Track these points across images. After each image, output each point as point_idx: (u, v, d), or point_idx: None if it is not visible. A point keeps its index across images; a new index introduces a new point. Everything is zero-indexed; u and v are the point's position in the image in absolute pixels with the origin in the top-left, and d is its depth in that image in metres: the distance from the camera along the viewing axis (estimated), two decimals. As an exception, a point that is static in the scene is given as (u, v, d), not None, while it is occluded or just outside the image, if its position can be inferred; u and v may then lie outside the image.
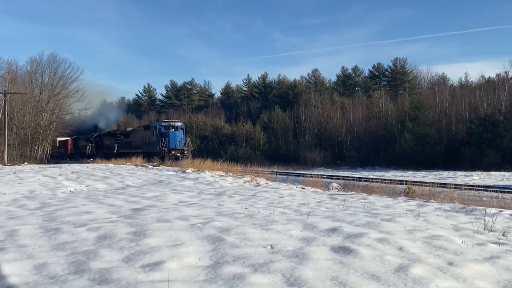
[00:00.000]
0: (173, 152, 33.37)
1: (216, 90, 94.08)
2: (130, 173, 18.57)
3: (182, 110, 78.75)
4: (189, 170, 19.24)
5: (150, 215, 6.88)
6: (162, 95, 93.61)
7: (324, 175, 21.34)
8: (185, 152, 34.02)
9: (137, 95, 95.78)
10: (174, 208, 7.99)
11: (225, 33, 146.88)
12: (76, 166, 23.69)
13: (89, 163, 31.45)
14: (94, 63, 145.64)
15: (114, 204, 8.84)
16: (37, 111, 46.43)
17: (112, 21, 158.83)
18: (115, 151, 42.49)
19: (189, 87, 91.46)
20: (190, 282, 3.66)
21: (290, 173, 26.30)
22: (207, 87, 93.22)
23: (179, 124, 36.99)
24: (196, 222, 6.13)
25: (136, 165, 24.60)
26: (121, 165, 25.08)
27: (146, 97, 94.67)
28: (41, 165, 27.15)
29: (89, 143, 50.85)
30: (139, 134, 39.92)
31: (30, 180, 15.24)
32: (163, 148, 33.23)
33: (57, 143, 59.10)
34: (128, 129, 45.58)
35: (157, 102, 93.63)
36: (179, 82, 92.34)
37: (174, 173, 18.81)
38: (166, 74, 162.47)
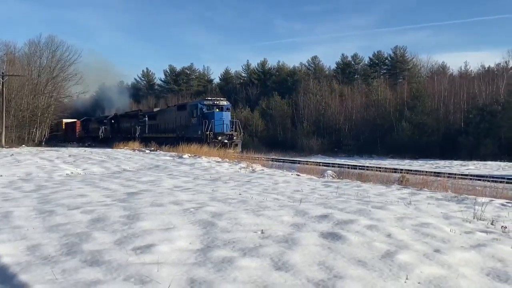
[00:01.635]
0: (219, 137, 27.46)
1: (215, 76, 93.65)
2: (127, 158, 18.63)
3: (180, 95, 78.54)
4: (186, 156, 19.31)
5: (144, 199, 6.95)
6: (161, 80, 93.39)
7: (320, 162, 21.43)
8: (234, 137, 28.27)
9: (135, 79, 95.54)
10: (169, 192, 8.06)
11: (226, 19, 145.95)
12: (73, 150, 23.74)
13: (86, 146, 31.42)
14: (92, 46, 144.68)
15: (109, 188, 8.91)
16: (35, 94, 46.23)
17: (112, 4, 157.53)
18: (136, 135, 36.95)
19: (188, 72, 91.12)
20: (180, 265, 3.74)
21: (286, 160, 26.37)
22: (206, 72, 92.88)
23: (225, 103, 30.28)
24: (189, 207, 6.20)
25: (134, 150, 24.65)
26: (119, 150, 25.15)
27: (145, 82, 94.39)
28: (39, 148, 27.20)
29: (102, 125, 47.07)
30: (171, 115, 34.02)
31: (27, 162, 15.30)
32: (207, 132, 27.40)
33: (63, 125, 57.00)
34: (155, 110, 39.72)
35: (156, 87, 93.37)
36: (178, 67, 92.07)
37: (171, 158, 18.88)
38: (165, 58, 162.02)
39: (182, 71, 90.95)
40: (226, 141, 27.44)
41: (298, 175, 13.59)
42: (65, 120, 56.34)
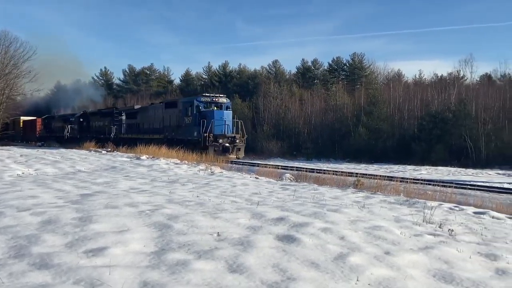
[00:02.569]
0: (220, 140, 23.82)
1: (176, 77, 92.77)
2: (82, 158, 18.17)
3: (140, 95, 77.26)
4: (144, 157, 19.02)
5: (98, 201, 6.80)
6: (120, 80, 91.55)
7: (279, 165, 21.55)
8: (237, 141, 24.56)
9: (93, 78, 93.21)
10: (124, 194, 7.92)
11: (187, 20, 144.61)
12: (25, 149, 22.93)
13: (39, 147, 30.25)
14: (49, 43, 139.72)
15: (62, 189, 8.66)
16: (-15, 91, 44.29)
17: (70, 0, 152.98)
18: (111, 135, 33.43)
19: (148, 72, 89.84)
20: (132, 267, 3.69)
21: (246, 162, 26.41)
22: (166, 73, 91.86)
23: (225, 100, 26.28)
24: (145, 209, 6.12)
25: (90, 150, 24.08)
26: (74, 150, 24.50)
27: (103, 81, 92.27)
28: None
29: (68, 124, 42.71)
30: (156, 113, 29.88)
31: (-26, 162, 14.66)
32: (206, 134, 23.47)
33: (20, 124, 53.62)
34: (136, 107, 35.02)
35: (114, 87, 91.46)
36: (138, 67, 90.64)
37: (128, 159, 18.55)
38: (124, 58, 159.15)
39: (142, 71, 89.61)
40: (227, 144, 23.97)
41: (257, 177, 13.65)
42: (23, 118, 52.74)
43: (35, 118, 52.76)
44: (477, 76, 56.19)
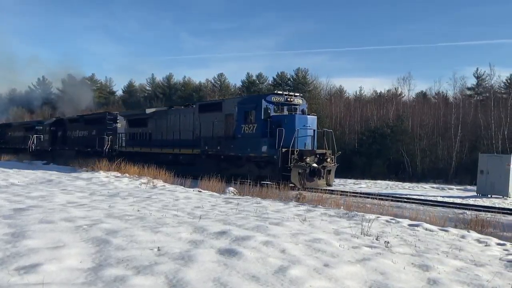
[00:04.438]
0: (308, 159, 16.79)
1: (118, 88, 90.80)
2: (16, 171, 17.31)
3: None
4: (82, 170, 18.39)
5: (32, 216, 6.51)
6: (58, 89, 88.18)
7: (222, 178, 21.48)
8: (327, 160, 17.38)
9: (30, 87, 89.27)
10: (61, 209, 7.62)
11: (130, 30, 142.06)
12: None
13: None
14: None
15: (-7, 203, 8.21)
16: None
17: (6, 5, 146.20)
18: (104, 148, 26.70)
19: (89, 82, 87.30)
20: (68, 284, 3.56)
21: (189, 175, 26.10)
22: (108, 83, 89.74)
23: (301, 101, 18.97)
24: (83, 224, 5.93)
25: (23, 162, 22.97)
26: (6, 162, 23.29)
27: (40, 91, 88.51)
28: None
29: (33, 133, 35.67)
30: (182, 119, 22.43)
31: None
32: (286, 150, 16.40)
33: None
34: (148, 111, 25.30)
35: (53, 96, 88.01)
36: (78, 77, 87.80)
37: (66, 172, 17.87)
38: (64, 67, 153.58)
39: (82, 81, 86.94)
40: (315, 165, 16.88)
41: (200, 191, 13.55)
42: None
43: None
44: (413, 94, 58.83)
